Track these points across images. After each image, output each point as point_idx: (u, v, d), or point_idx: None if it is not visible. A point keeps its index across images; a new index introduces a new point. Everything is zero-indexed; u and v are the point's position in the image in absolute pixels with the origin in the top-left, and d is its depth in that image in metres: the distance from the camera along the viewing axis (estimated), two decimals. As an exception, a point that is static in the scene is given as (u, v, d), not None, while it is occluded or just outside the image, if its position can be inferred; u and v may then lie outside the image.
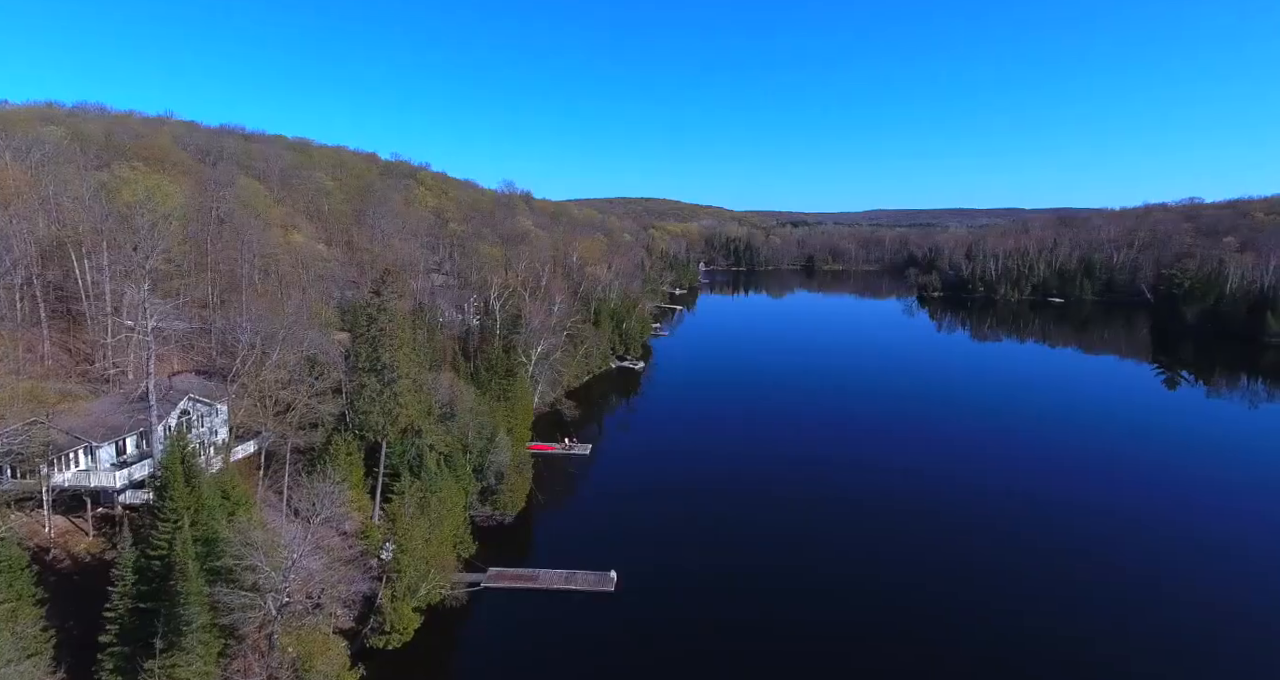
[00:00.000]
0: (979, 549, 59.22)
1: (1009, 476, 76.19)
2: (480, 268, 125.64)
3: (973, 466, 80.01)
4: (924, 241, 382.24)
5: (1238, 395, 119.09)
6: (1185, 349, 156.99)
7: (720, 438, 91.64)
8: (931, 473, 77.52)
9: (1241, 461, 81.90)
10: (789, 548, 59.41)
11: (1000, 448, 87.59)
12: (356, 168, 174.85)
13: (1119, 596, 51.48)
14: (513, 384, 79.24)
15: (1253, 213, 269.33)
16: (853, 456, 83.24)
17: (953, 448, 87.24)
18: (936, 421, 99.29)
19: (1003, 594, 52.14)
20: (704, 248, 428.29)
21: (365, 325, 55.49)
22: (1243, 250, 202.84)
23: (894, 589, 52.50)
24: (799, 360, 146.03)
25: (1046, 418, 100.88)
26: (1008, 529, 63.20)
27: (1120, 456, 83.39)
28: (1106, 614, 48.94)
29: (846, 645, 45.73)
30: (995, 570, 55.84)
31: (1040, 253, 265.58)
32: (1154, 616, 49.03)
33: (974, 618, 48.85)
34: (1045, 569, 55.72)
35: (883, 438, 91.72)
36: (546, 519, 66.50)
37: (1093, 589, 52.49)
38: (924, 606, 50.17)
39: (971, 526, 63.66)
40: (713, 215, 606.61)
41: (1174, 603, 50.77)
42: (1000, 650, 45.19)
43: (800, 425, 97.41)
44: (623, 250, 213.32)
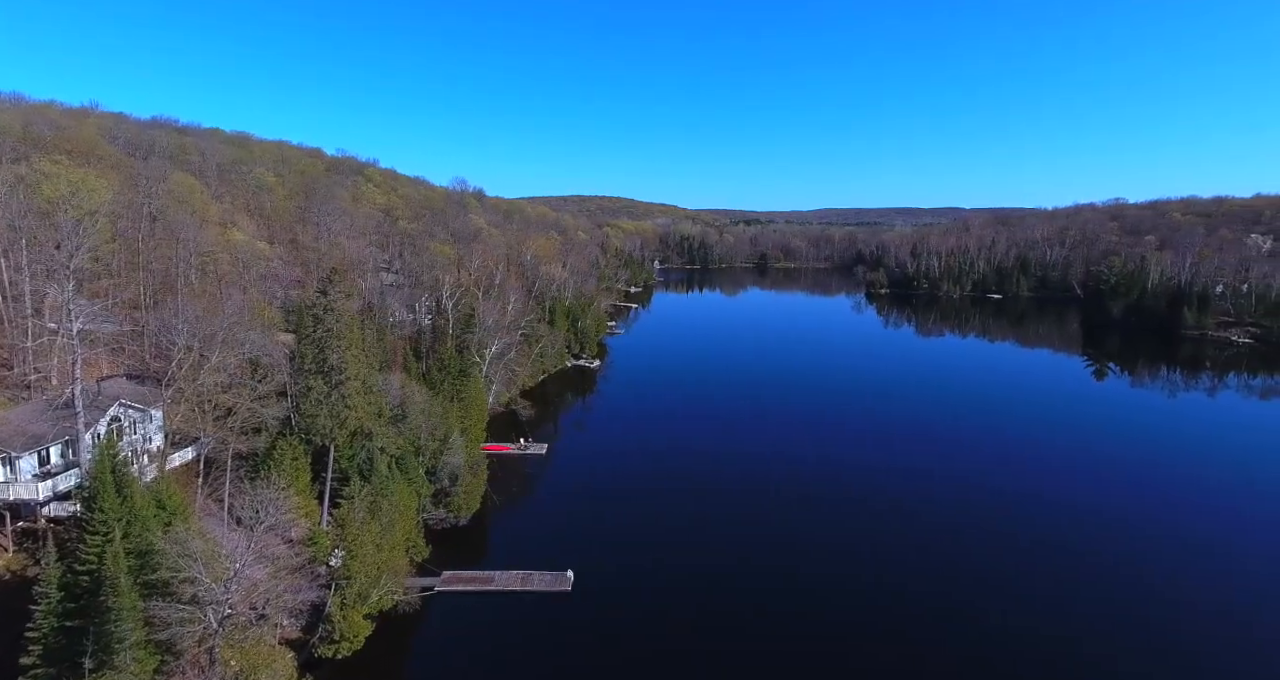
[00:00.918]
0: (936, 541, 61.16)
1: (960, 467, 79.38)
2: (432, 266, 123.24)
3: (927, 458, 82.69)
4: (871, 240, 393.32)
5: (1159, 385, 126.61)
6: (1112, 342, 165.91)
7: (677, 435, 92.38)
8: (886, 465, 79.94)
9: (1167, 449, 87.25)
10: (747, 544, 60.28)
11: (949, 439, 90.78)
12: (300, 163, 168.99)
13: (1064, 579, 54.13)
14: (466, 384, 78.03)
15: (1171, 213, 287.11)
16: (808, 451, 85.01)
17: (906, 440, 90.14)
18: (889, 415, 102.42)
19: (959, 584, 53.92)
20: (659, 246, 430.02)
21: (311, 326, 53.80)
22: (1162, 248, 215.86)
23: (853, 583, 53.71)
24: (754, 357, 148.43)
25: (986, 409, 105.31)
26: (965, 520, 65.59)
27: (1054, 446, 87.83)
28: (1051, 599, 51.45)
29: (802, 642, 46.42)
30: (954, 562, 57.76)
31: (980, 251, 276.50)
32: (1099, 601, 51.59)
33: (934, 611, 50.22)
34: (995, 557, 58.20)
35: (837, 432, 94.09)
36: (502, 520, 65.82)
37: (1036, 574, 55.14)
38: (882, 601, 51.49)
39: (931, 519, 65.85)
40: (667, 213, 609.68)
41: (1114, 583, 53.65)
42: (943, 647, 46.80)
43: (756, 421, 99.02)
44: (577, 248, 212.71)
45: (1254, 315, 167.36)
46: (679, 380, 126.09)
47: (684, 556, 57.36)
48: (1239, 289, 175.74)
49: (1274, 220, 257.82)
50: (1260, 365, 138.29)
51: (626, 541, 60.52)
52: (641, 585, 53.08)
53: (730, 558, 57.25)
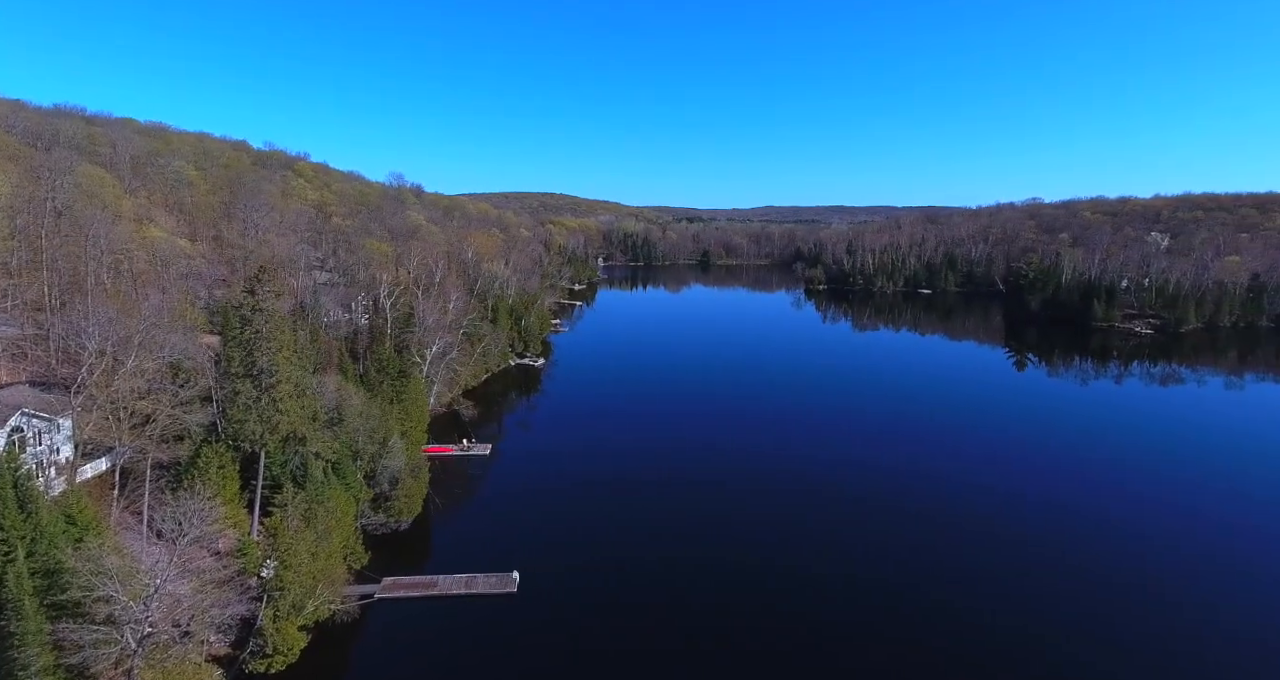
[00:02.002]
0: (886, 529, 63.62)
1: (896, 454, 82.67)
2: (368, 264, 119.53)
3: (867, 448, 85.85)
4: (809, 237, 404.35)
5: (1072, 374, 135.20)
6: (1031, 334, 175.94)
7: (622, 432, 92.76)
8: (830, 456, 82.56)
9: (1082, 435, 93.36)
10: (693, 538, 61.17)
11: (887, 430, 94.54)
12: (224, 156, 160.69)
13: (994, 558, 57.25)
14: (406, 385, 76.20)
15: (1082, 212, 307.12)
16: (752, 445, 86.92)
17: (848, 432, 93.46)
18: (830, 408, 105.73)
19: (907, 571, 56.04)
20: (602, 243, 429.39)
21: (238, 327, 51.42)
22: (1074, 246, 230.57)
23: (801, 574, 55.03)
24: (698, 353, 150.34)
25: (917, 400, 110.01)
26: (902, 504, 68.38)
27: (981, 435, 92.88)
28: (986, 577, 54.34)
29: (752, 635, 47.31)
30: (901, 548, 60.12)
31: (911, 248, 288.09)
32: (1025, 583, 54.85)
33: (886, 600, 51.92)
34: (931, 539, 60.98)
35: (781, 425, 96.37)
36: (445, 523, 64.65)
37: (970, 554, 58.10)
38: (830, 591, 52.94)
39: (877, 507, 68.34)
40: (610, 210, 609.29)
41: (1024, 556, 57.08)
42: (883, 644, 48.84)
43: (701, 418, 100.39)
44: (520, 246, 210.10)
45: (1154, 308, 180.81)
46: (624, 377, 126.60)
47: (630, 553, 57.79)
48: (1141, 283, 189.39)
49: (1171, 219, 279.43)
50: (1160, 354, 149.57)
51: (572, 540, 60.48)
52: (588, 583, 53.16)
53: (678, 552, 57.92)
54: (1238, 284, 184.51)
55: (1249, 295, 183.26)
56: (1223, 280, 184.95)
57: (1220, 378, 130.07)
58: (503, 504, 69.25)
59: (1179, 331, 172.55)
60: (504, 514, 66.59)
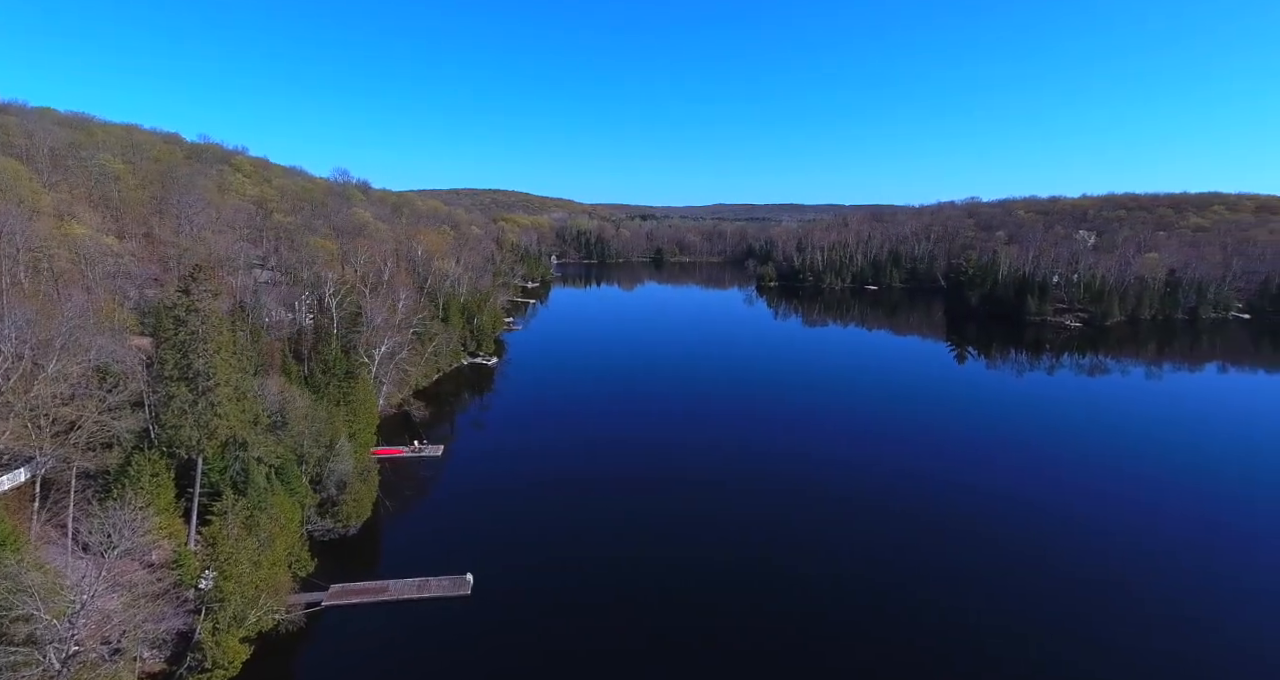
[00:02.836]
0: (843, 523, 65.06)
1: (848, 447, 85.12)
2: (313, 262, 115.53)
3: (822, 441, 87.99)
4: (761, 235, 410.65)
5: (1009, 366, 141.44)
6: (970, 329, 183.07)
7: (578, 430, 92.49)
8: (785, 450, 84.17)
9: (1018, 425, 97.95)
10: (649, 536, 61.54)
11: (838, 423, 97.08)
12: (154, 149, 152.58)
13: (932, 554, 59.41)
14: (354, 386, 74.17)
15: (1016, 210, 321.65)
16: (707, 442, 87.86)
17: (801, 426, 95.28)
18: (783, 402, 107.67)
19: (870, 566, 57.49)
20: (556, 240, 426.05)
21: (172, 328, 49.11)
22: (1010, 242, 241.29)
23: (756, 569, 55.90)
24: (653, 350, 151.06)
25: (864, 393, 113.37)
26: (859, 496, 70.24)
27: (922, 425, 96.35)
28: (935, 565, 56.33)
29: (708, 633, 47.73)
30: (859, 541, 61.66)
31: (858, 245, 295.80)
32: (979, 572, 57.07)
33: (841, 594, 52.96)
34: (885, 531, 62.89)
35: (734, 420, 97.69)
36: (396, 527, 63.28)
37: (923, 545, 60.17)
38: (781, 586, 53.91)
39: (833, 499, 69.93)
40: (563, 208, 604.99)
41: (970, 547, 59.53)
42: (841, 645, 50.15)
43: (656, 415, 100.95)
44: (471, 243, 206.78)
45: (1082, 302, 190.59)
46: (580, 376, 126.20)
47: (587, 552, 57.77)
48: (1071, 279, 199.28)
49: (1097, 218, 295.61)
50: (1087, 346, 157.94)
51: (528, 540, 60.02)
52: (545, 583, 52.86)
53: (635, 550, 58.19)
54: (1156, 279, 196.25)
55: (1166, 290, 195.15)
56: (1143, 276, 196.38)
57: (1141, 368, 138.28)
58: (456, 505, 68.22)
59: (1105, 324, 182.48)
60: (457, 515, 65.62)
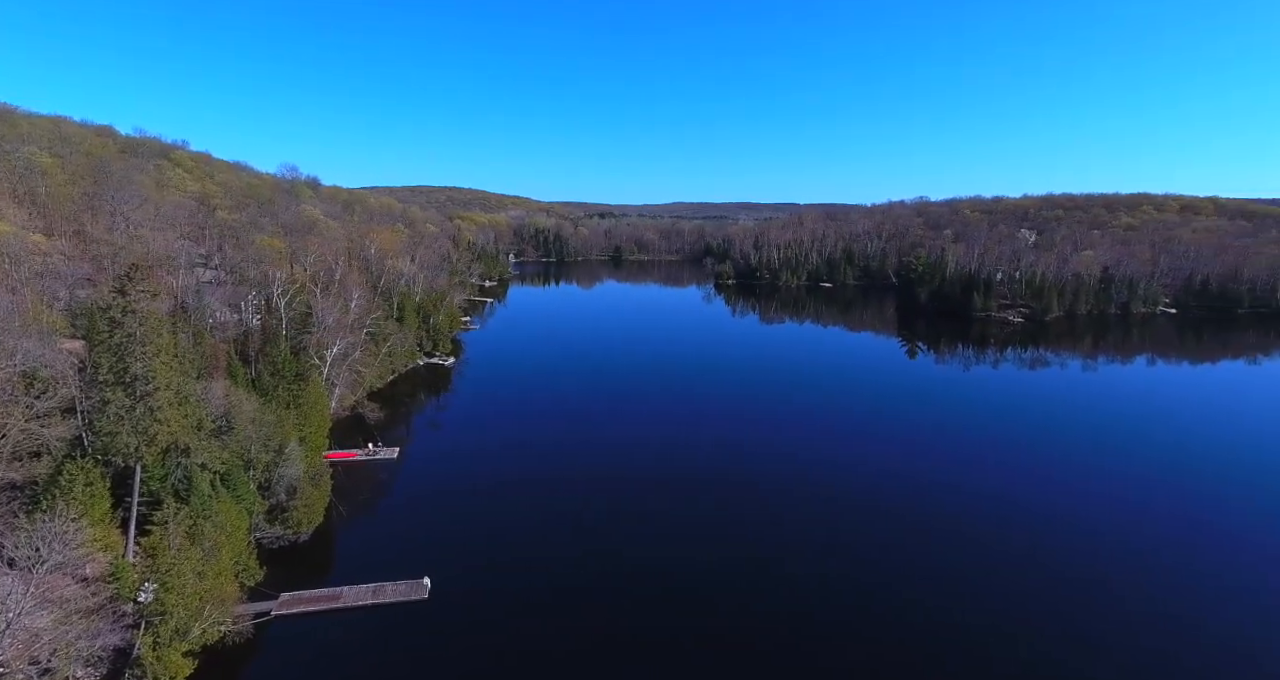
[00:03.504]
0: (804, 520, 65.92)
1: (808, 442, 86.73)
2: (259, 261, 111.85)
3: (783, 436, 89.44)
4: (718, 233, 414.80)
5: (956, 361, 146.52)
6: (920, 325, 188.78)
7: (536, 429, 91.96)
8: (748, 448, 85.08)
9: (963, 417, 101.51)
10: (609, 534, 61.69)
11: (797, 418, 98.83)
12: (85, 143, 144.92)
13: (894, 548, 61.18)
14: (304, 388, 72.15)
15: (963, 210, 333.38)
16: (669, 439, 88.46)
17: (763, 422, 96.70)
18: (744, 399, 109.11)
19: (829, 563, 58.20)
20: (513, 239, 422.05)
21: (107, 331, 46.93)
22: (957, 241, 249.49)
23: (719, 568, 55.85)
24: (613, 348, 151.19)
25: (819, 388, 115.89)
26: (817, 493, 71.50)
27: (875, 417, 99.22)
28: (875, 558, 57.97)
29: (671, 632, 47.78)
30: (816, 537, 62.64)
31: (813, 243, 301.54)
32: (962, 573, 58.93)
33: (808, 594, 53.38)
34: (840, 526, 64.39)
35: (694, 418, 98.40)
36: (350, 532, 61.90)
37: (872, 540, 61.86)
38: (743, 584, 54.08)
39: (795, 496, 70.88)
40: (521, 206, 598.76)
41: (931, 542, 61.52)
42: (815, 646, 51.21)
43: (616, 412, 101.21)
44: (427, 242, 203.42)
45: (1024, 298, 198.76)
46: (539, 374, 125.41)
47: (547, 550, 57.57)
48: (1013, 276, 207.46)
49: (1037, 217, 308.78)
50: (1029, 340, 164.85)
51: (487, 541, 59.51)
52: (505, 583, 52.47)
53: (596, 549, 58.23)
54: (1091, 276, 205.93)
55: (1100, 286, 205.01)
56: (1079, 273, 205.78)
57: (1079, 361, 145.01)
58: (412, 508, 67.13)
59: (1045, 319, 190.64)
60: (413, 518, 64.58)
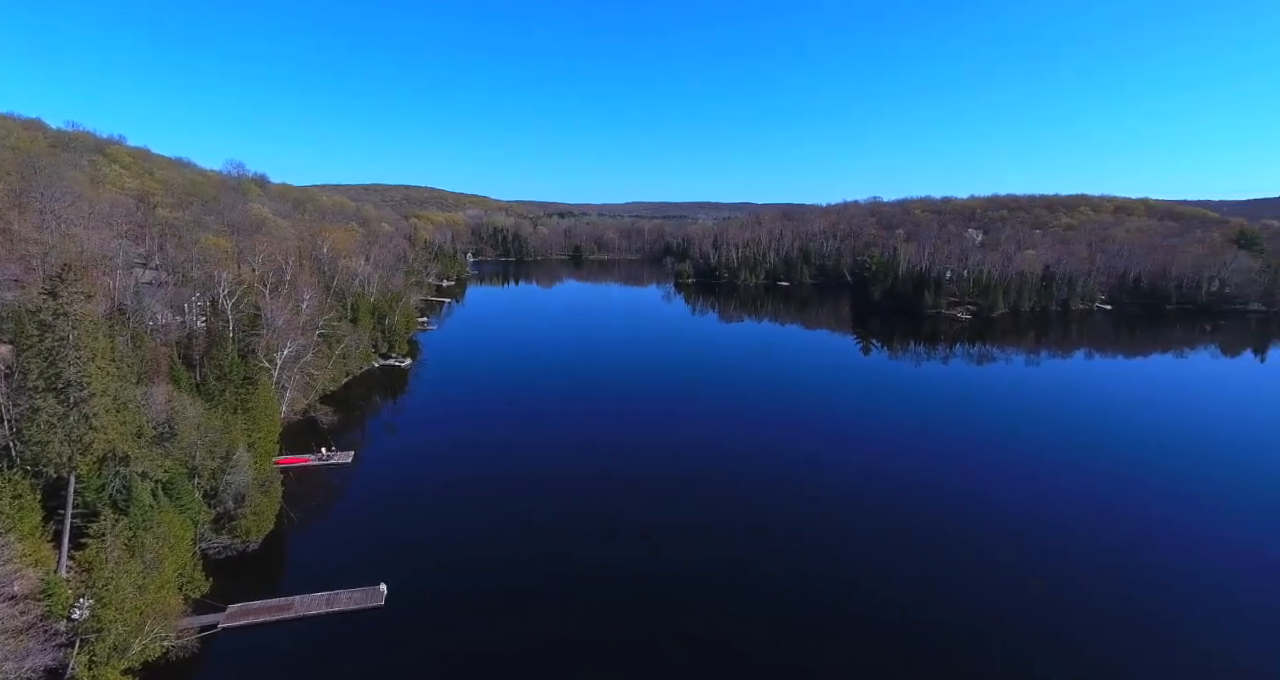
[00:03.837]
0: (767, 519, 66.51)
1: (766, 437, 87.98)
2: (204, 261, 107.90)
3: (745, 434, 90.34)
4: (678, 232, 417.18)
5: (908, 357, 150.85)
6: (874, 322, 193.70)
7: (496, 429, 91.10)
8: (709, 445, 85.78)
9: (916, 412, 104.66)
10: (569, 534, 61.52)
11: (755, 415, 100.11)
12: (12, 137, 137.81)
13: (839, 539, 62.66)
14: (253, 392, 70.01)
15: (914, 210, 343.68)
16: (630, 437, 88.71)
17: (726, 419, 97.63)
18: (706, 397, 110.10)
19: (800, 563, 59.33)
20: (471, 238, 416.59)
21: (37, 334, 44.74)
22: (909, 240, 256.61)
23: (682, 568, 56.08)
24: (573, 347, 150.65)
25: (783, 385, 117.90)
26: (780, 488, 72.57)
27: (831, 411, 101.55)
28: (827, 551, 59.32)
29: (633, 633, 47.83)
30: (781, 536, 63.45)
31: (770, 243, 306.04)
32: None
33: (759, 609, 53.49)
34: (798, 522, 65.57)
35: (654, 416, 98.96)
36: (302, 540, 60.26)
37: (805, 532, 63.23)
38: (709, 583, 54.48)
39: (760, 494, 71.56)
40: (479, 205, 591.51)
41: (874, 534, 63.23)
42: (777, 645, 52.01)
43: (577, 411, 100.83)
44: (382, 241, 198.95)
45: (971, 296, 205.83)
46: (499, 374, 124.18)
47: (507, 553, 57.13)
48: (961, 274, 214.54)
49: (983, 217, 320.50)
50: (976, 336, 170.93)
51: (446, 544, 58.79)
52: (464, 586, 51.94)
53: (557, 550, 57.99)
54: (1034, 274, 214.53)
55: (1042, 284, 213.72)
56: (1023, 271, 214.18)
57: (1023, 356, 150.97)
58: (368, 513, 65.75)
59: (991, 316, 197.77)
60: (369, 524, 63.27)
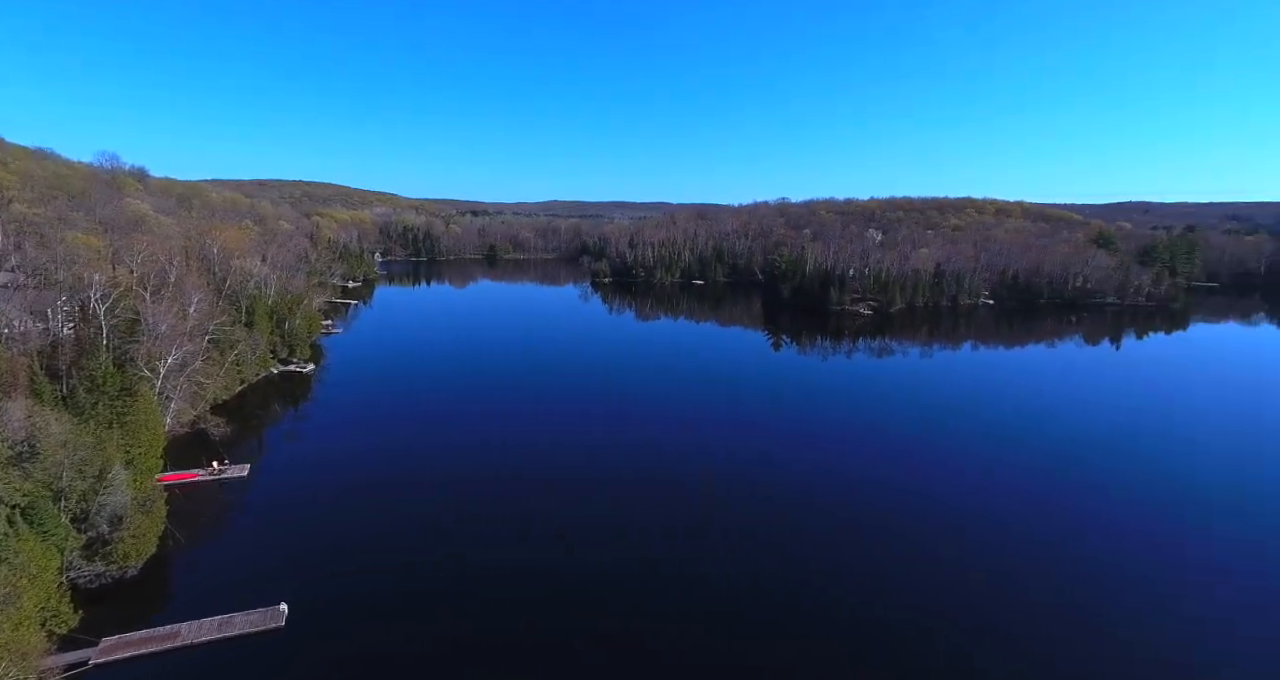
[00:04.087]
0: (692, 517, 67.33)
1: (692, 441, 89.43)
2: (72, 262, 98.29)
3: (661, 434, 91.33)
4: (594, 232, 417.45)
5: (816, 352, 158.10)
6: (784, 319, 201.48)
7: (407, 434, 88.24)
8: (631, 448, 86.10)
9: (822, 403, 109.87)
10: (487, 539, 60.58)
11: (674, 414, 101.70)
12: None
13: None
14: (132, 405, 64.66)
15: (820, 211, 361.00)
16: (547, 438, 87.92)
17: (645, 417, 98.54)
18: (622, 394, 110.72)
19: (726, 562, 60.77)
20: (379, 237, 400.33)
21: None
22: (815, 240, 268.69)
23: (602, 570, 56.29)
24: (487, 347, 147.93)
25: (693, 380, 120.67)
26: (693, 484, 74.03)
27: (739, 406, 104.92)
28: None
29: (552, 638, 47.46)
30: (714, 536, 64.79)
31: (685, 242, 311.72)
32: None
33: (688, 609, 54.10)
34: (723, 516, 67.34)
35: (575, 417, 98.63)
36: (191, 562, 56.27)
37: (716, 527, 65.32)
38: (630, 584, 54.76)
39: (677, 491, 72.34)
40: (387, 202, 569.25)
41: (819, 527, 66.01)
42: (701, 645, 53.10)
43: (493, 412, 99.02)
44: (280, 240, 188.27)
45: (872, 292, 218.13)
46: (408, 377, 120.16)
47: (413, 558, 55.74)
48: (863, 272, 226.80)
49: (882, 218, 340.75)
50: (877, 331, 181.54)
51: (349, 556, 56.44)
52: (372, 602, 50.10)
53: (465, 551, 57.17)
54: (927, 272, 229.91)
55: (934, 281, 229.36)
56: (918, 269, 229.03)
57: (918, 348, 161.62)
58: (265, 529, 62.20)
59: (890, 312, 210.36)
60: (268, 540, 59.92)
